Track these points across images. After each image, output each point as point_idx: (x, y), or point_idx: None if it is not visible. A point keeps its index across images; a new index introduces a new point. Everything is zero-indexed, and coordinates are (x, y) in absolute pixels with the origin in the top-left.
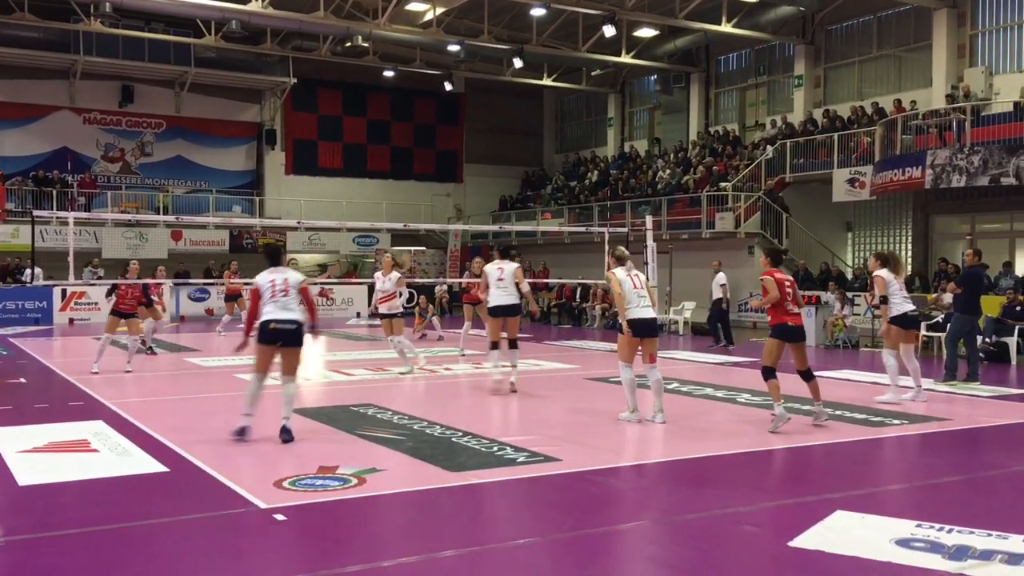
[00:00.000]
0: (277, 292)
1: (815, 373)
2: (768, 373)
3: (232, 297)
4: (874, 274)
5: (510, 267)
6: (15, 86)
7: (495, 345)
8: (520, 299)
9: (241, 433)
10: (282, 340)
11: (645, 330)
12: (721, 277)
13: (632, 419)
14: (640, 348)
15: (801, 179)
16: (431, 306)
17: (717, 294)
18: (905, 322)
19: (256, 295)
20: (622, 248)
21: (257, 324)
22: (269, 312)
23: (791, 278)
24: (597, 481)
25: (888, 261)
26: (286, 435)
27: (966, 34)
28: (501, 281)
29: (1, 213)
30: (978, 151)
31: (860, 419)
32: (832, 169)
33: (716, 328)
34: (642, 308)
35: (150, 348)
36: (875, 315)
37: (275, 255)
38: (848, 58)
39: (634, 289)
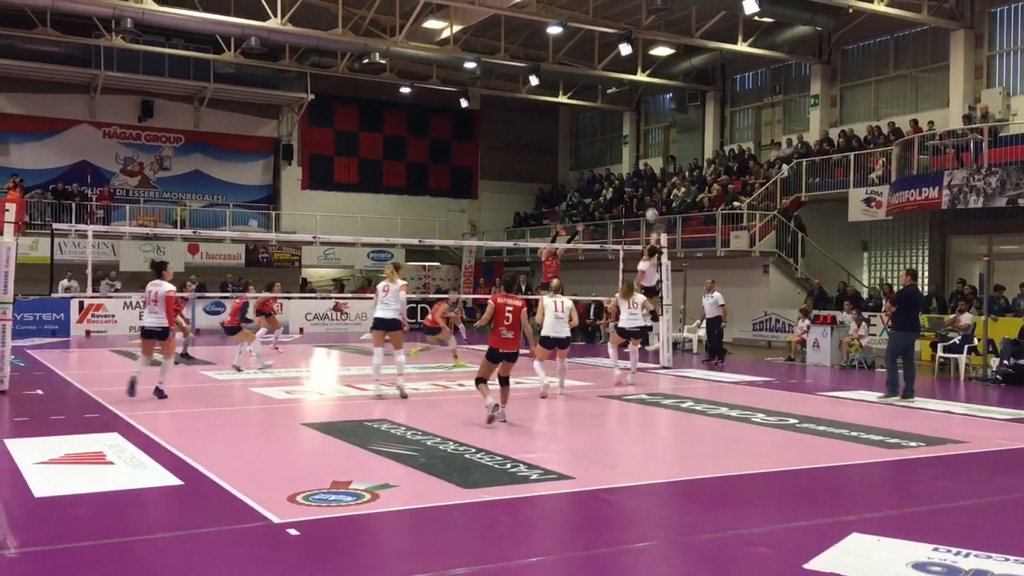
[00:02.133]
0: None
1: (827, 394)
2: (478, 382)
3: (263, 313)
4: None
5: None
6: (37, 100)
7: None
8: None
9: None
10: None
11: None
12: (719, 297)
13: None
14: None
15: (817, 198)
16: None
17: (713, 312)
18: None
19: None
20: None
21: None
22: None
23: (518, 303)
24: (610, 500)
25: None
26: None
27: (983, 55)
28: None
29: (20, 225)
30: (995, 172)
31: (876, 440)
32: (848, 188)
33: (716, 345)
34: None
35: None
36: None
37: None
38: (864, 78)
39: (554, 311)
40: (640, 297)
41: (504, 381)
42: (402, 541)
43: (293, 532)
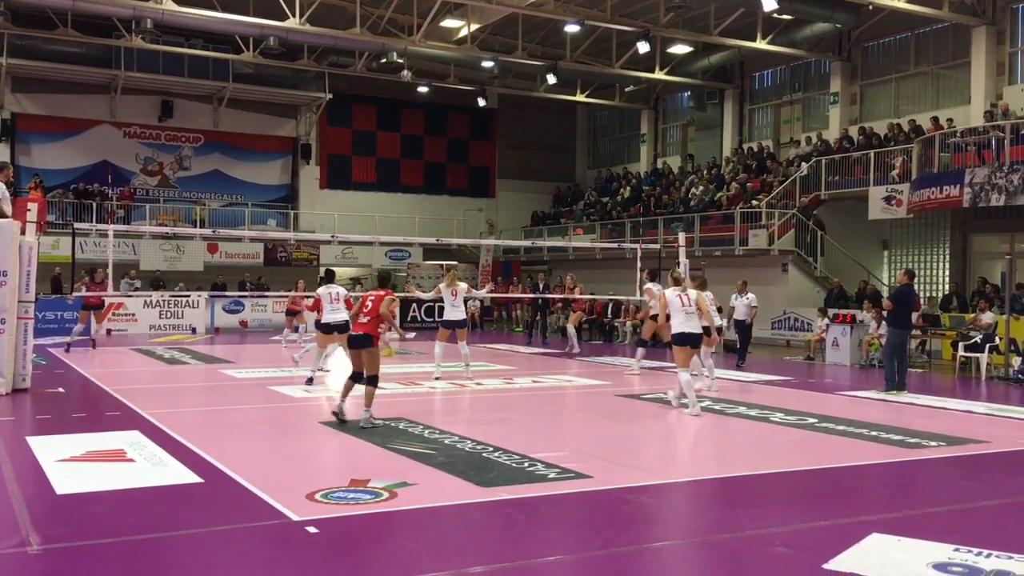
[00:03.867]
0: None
1: (846, 393)
2: (354, 377)
3: (292, 313)
4: None
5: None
6: (58, 100)
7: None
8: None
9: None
10: None
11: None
12: (752, 299)
13: (695, 412)
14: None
15: (836, 196)
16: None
17: (744, 315)
18: None
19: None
20: (679, 271)
21: None
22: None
23: (380, 293)
24: (628, 499)
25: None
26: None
27: (1005, 51)
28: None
29: (42, 225)
30: (1018, 170)
31: (896, 440)
32: (868, 187)
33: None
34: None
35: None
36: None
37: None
38: (885, 75)
39: (682, 307)
40: (463, 286)
41: (371, 380)
42: (420, 539)
43: (312, 530)
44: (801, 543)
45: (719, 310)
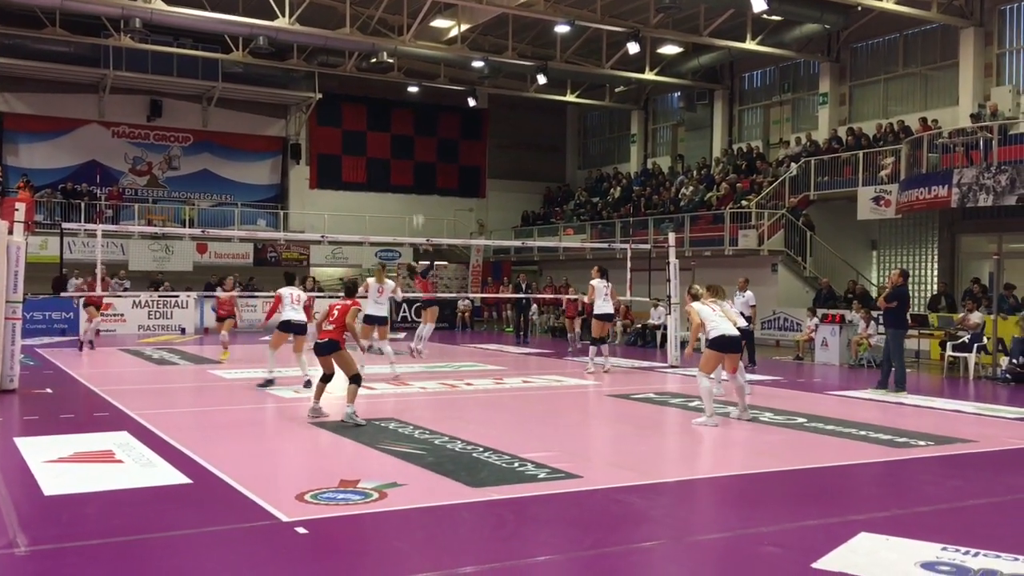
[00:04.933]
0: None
1: (835, 393)
2: (324, 379)
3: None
4: None
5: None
6: (46, 100)
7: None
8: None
9: None
10: None
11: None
12: (751, 297)
13: (710, 423)
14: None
15: (825, 197)
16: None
17: (745, 313)
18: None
19: None
20: (696, 286)
21: None
22: None
23: (346, 302)
24: (618, 499)
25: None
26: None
27: (993, 53)
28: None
29: (29, 225)
30: (1005, 170)
31: (885, 440)
32: (857, 187)
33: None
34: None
35: None
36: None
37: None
38: (874, 76)
39: (713, 312)
40: (391, 284)
41: (353, 379)
42: (410, 540)
43: (301, 531)
44: (790, 542)
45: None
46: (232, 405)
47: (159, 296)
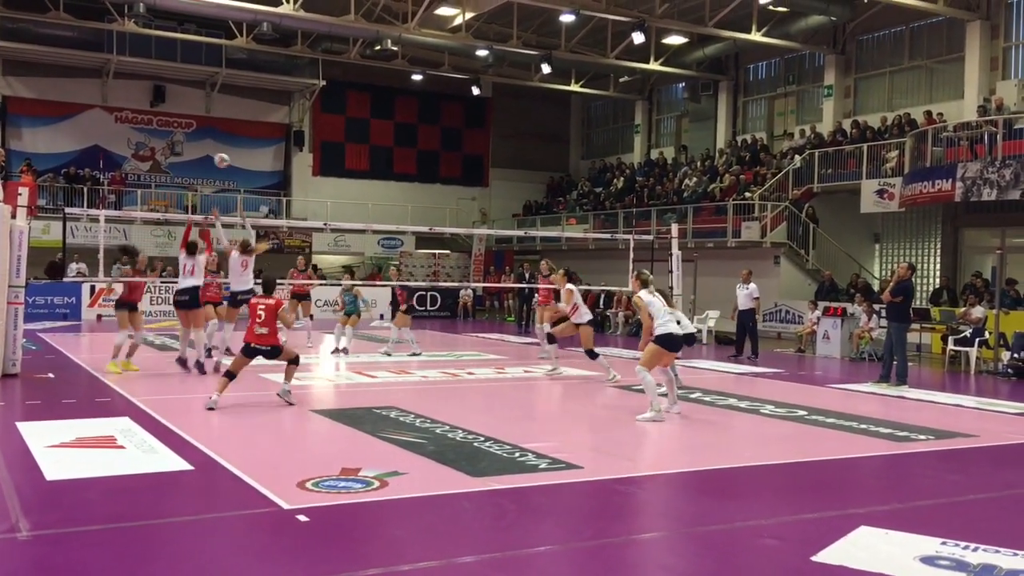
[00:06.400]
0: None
1: (836, 386)
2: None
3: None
4: None
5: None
6: (49, 84)
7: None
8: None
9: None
10: None
11: (677, 345)
12: (754, 289)
13: (659, 419)
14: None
15: (829, 189)
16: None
17: (747, 304)
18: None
19: None
20: (646, 272)
21: None
22: None
23: (271, 302)
24: (618, 490)
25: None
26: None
27: (999, 46)
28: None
29: (32, 209)
30: (1010, 164)
31: (885, 433)
32: (861, 180)
33: (743, 339)
34: (674, 324)
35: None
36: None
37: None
38: (879, 68)
39: (664, 307)
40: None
41: (293, 361)
42: (411, 528)
43: (302, 518)
44: (789, 535)
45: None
46: (234, 392)
47: (161, 282)
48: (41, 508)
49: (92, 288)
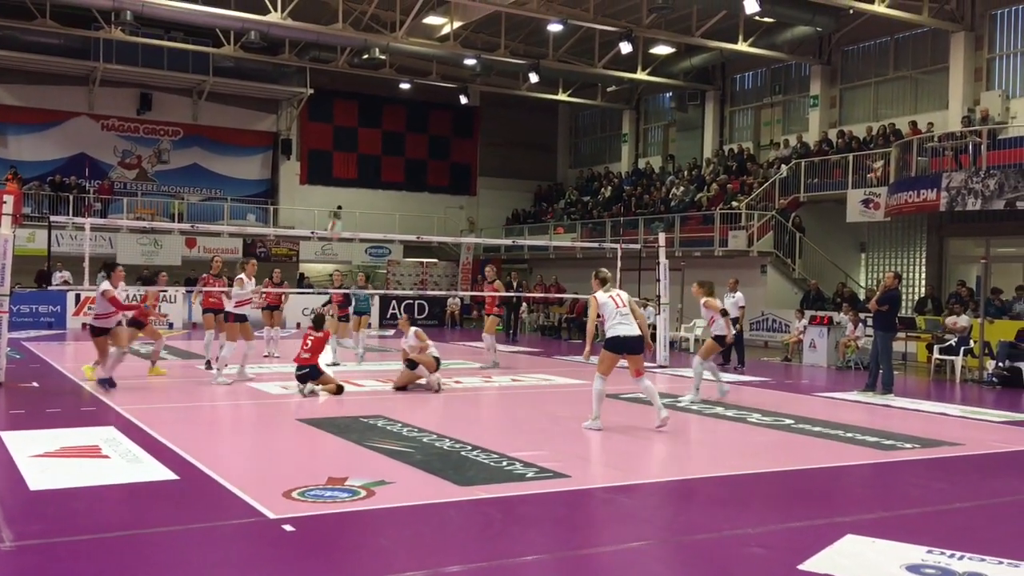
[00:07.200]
0: None
1: (823, 395)
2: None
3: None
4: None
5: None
6: (35, 91)
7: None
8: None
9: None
10: None
11: (625, 347)
12: (740, 298)
13: (594, 426)
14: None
15: (815, 199)
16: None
17: (733, 313)
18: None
19: None
20: (604, 270)
21: None
22: None
23: (319, 335)
24: (606, 499)
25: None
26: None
27: (983, 57)
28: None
29: (17, 217)
30: (994, 175)
31: (871, 442)
32: (846, 189)
33: (730, 348)
34: (623, 326)
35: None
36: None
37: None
38: (864, 79)
39: (616, 308)
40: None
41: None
42: (397, 538)
43: (288, 528)
44: (776, 544)
45: (723, 313)
46: (219, 401)
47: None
48: (25, 518)
49: (77, 297)
